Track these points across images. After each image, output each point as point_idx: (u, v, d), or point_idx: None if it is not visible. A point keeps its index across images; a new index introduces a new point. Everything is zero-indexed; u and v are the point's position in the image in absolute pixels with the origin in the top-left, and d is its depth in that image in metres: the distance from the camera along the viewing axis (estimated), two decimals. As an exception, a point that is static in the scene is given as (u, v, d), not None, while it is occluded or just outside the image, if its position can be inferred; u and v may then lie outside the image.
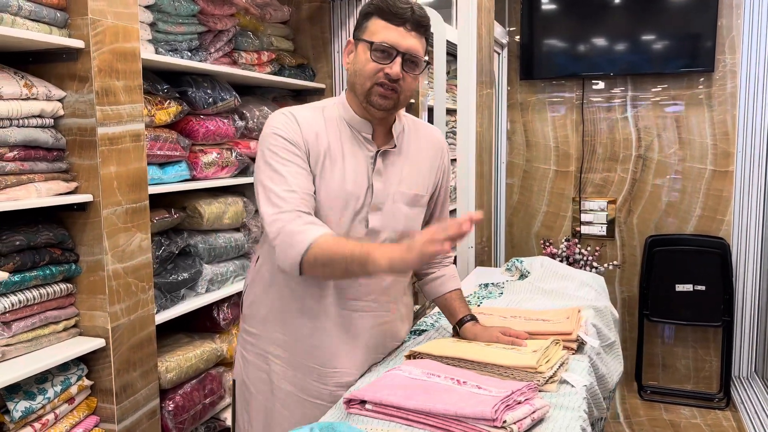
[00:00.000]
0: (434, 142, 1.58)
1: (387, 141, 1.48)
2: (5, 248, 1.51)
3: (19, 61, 1.65)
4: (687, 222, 3.80)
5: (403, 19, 1.35)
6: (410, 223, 1.50)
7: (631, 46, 3.72)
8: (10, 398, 1.52)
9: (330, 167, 1.39)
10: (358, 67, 1.39)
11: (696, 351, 3.84)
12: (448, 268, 1.67)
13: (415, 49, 1.37)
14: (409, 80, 1.38)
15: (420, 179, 1.51)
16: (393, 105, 1.39)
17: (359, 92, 1.40)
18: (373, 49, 1.35)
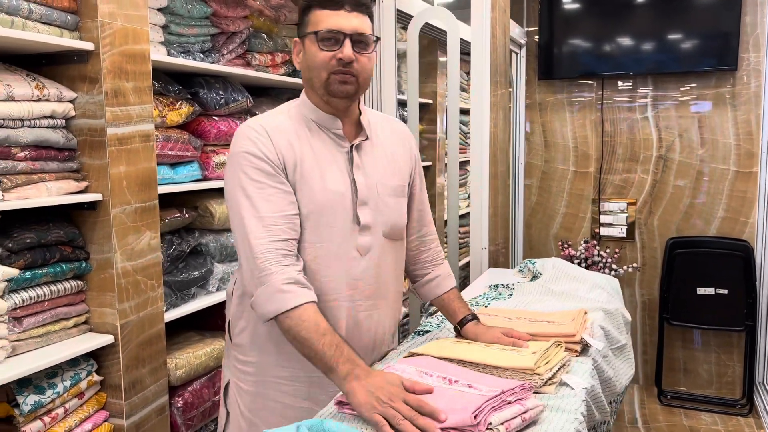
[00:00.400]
0: (400, 132, 1.58)
1: (357, 134, 1.46)
2: (16, 246, 1.55)
3: (33, 63, 1.70)
4: (709, 224, 3.73)
5: (341, 2, 1.34)
6: (397, 214, 1.48)
7: (653, 45, 3.66)
8: (20, 392, 1.55)
9: (309, 172, 1.37)
10: (310, 61, 1.37)
11: (718, 356, 3.76)
12: (442, 266, 1.65)
13: (361, 28, 1.35)
14: (363, 61, 1.36)
15: (397, 168, 1.50)
16: (354, 90, 1.37)
17: (318, 86, 1.38)
18: (319, 39, 1.34)
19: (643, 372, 3.97)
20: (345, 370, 1.20)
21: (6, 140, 1.52)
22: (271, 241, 1.30)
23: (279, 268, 1.28)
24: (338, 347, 1.23)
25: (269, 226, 1.31)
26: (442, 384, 1.19)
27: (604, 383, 1.61)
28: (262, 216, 1.31)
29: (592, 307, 1.95)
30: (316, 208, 1.37)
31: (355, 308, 1.42)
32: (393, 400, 1.12)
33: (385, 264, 1.46)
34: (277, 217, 1.31)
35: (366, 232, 1.42)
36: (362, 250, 1.41)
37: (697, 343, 3.81)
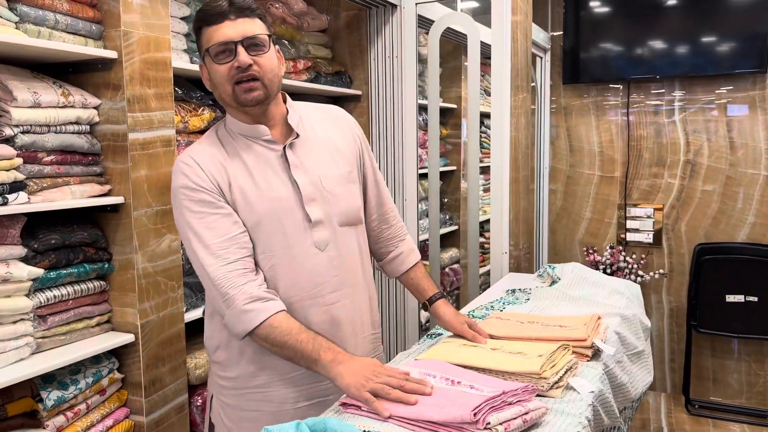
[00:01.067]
0: (337, 118, 1.57)
1: (289, 134, 1.46)
2: (42, 246, 1.61)
3: (61, 71, 1.77)
4: (738, 230, 3.65)
5: (223, 13, 1.34)
6: (348, 201, 1.48)
7: (679, 49, 3.61)
8: (44, 387, 1.61)
9: (244, 187, 1.39)
10: (214, 79, 1.39)
11: (749, 365, 3.68)
12: (405, 242, 1.67)
13: (250, 32, 1.35)
14: (262, 62, 1.36)
15: (339, 155, 1.50)
16: (264, 94, 1.37)
17: (228, 100, 1.39)
18: (213, 55, 1.35)
19: (671, 380, 3.90)
20: (328, 358, 1.27)
21: (33, 145, 1.59)
22: (222, 265, 1.33)
23: (237, 290, 1.32)
24: (315, 340, 1.30)
25: (217, 252, 1.34)
26: (444, 384, 1.20)
27: (616, 389, 1.60)
28: (208, 244, 1.34)
29: (609, 312, 1.93)
30: (260, 218, 1.39)
31: (325, 303, 1.44)
32: (378, 375, 1.20)
33: (347, 252, 1.48)
34: (222, 242, 1.35)
35: (320, 227, 1.43)
36: (320, 245, 1.43)
37: (726, 351, 3.73)
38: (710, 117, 3.70)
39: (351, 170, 1.51)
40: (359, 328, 1.52)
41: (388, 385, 1.18)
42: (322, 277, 1.43)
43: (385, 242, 1.66)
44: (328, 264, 1.43)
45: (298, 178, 1.42)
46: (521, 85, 2.96)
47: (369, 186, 1.60)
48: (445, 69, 3.97)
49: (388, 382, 1.18)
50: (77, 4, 1.66)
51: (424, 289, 1.63)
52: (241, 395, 1.47)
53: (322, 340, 1.31)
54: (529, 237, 3.58)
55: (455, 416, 1.07)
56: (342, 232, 1.47)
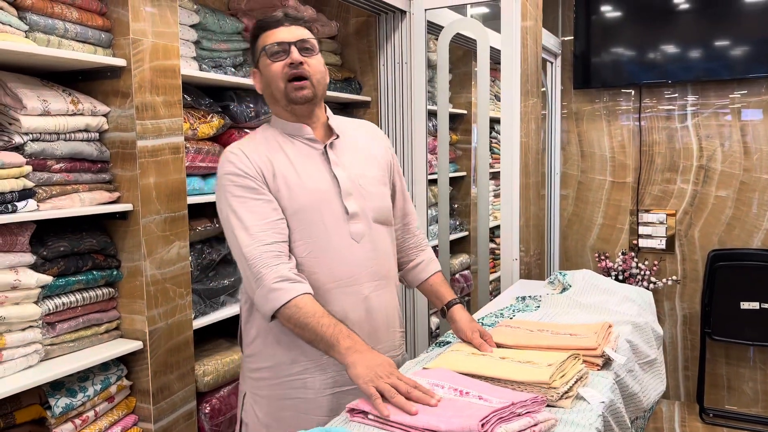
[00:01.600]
0: (372, 131, 1.71)
1: (329, 136, 1.58)
2: (51, 254, 1.62)
3: (71, 79, 1.78)
4: (753, 236, 3.60)
5: (279, 21, 1.50)
6: (382, 201, 1.59)
7: (692, 53, 3.58)
8: (52, 394, 1.62)
9: (287, 177, 1.48)
10: (267, 76, 1.51)
11: (765, 373, 3.62)
12: (426, 252, 1.75)
13: (302, 36, 1.50)
14: (312, 62, 1.49)
15: (373, 160, 1.61)
16: (312, 93, 1.49)
17: (279, 97, 1.51)
18: (269, 54, 1.49)
19: (685, 388, 3.84)
20: (346, 345, 1.31)
21: (42, 153, 1.60)
22: (258, 246, 1.40)
23: (269, 269, 1.39)
24: (337, 326, 1.34)
25: (255, 234, 1.41)
26: (452, 395, 1.19)
27: (628, 398, 1.58)
28: (247, 226, 1.42)
29: (620, 320, 1.90)
30: (301, 206, 1.47)
31: (363, 291, 1.52)
32: (389, 376, 1.23)
33: (381, 247, 1.57)
34: (261, 225, 1.42)
35: (356, 220, 1.52)
36: (356, 237, 1.52)
37: (741, 359, 3.67)
38: (723, 122, 3.65)
39: (383, 175, 1.63)
40: (390, 322, 1.61)
41: (395, 389, 1.20)
42: (358, 268, 1.51)
43: (407, 251, 1.73)
44: (363, 256, 1.52)
45: (338, 173, 1.52)
46: (531, 91, 2.94)
47: (396, 195, 1.70)
48: (456, 75, 3.96)
49: (396, 386, 1.20)
50: (86, 13, 1.67)
51: (443, 295, 1.68)
52: (279, 384, 1.51)
53: (343, 327, 1.35)
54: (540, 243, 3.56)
55: (463, 427, 1.05)
56: (376, 228, 1.56)
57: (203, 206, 2.21)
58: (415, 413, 1.14)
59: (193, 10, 2.09)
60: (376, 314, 1.55)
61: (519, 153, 2.77)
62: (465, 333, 1.58)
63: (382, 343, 1.57)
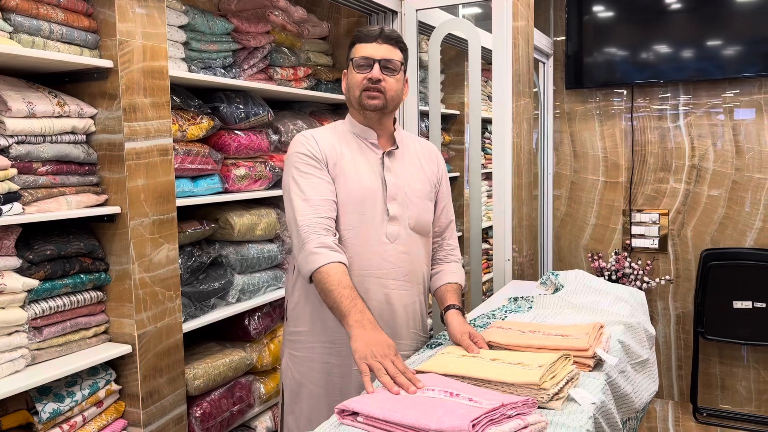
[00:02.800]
0: (428, 148, 1.85)
1: (390, 145, 1.74)
2: (37, 257, 1.60)
3: (57, 81, 1.76)
4: (745, 235, 3.61)
5: (374, 36, 1.66)
6: (422, 213, 1.72)
7: (684, 53, 3.58)
8: (40, 400, 1.60)
9: (347, 170, 1.65)
10: (349, 82, 1.69)
11: (758, 372, 3.62)
12: (449, 264, 1.83)
13: (388, 56, 1.65)
14: (391, 82, 1.66)
15: (423, 175, 1.76)
16: (382, 104, 1.65)
17: (354, 102, 1.68)
18: (355, 65, 1.66)
19: (678, 388, 3.85)
20: (356, 318, 1.42)
21: (28, 155, 1.58)
22: (313, 216, 1.57)
23: (316, 236, 1.54)
24: (355, 300, 1.46)
25: (313, 205, 1.58)
26: (443, 396, 1.18)
27: (620, 399, 1.57)
28: (308, 198, 1.59)
29: (612, 320, 1.90)
30: (351, 199, 1.64)
31: (385, 285, 1.66)
32: (384, 357, 1.32)
33: (413, 252, 1.70)
34: (319, 199, 1.60)
35: (394, 223, 1.67)
36: (391, 237, 1.66)
37: (734, 358, 3.68)
38: (716, 121, 3.66)
39: (430, 190, 1.76)
40: (411, 322, 1.73)
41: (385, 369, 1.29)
42: (388, 264, 1.66)
43: (435, 260, 1.84)
44: (395, 255, 1.67)
45: (387, 178, 1.68)
46: (523, 91, 2.94)
47: (438, 212, 1.82)
48: (448, 75, 3.96)
49: (386, 367, 1.30)
50: (72, 14, 1.65)
51: (444, 300, 1.74)
52: (313, 347, 1.69)
53: (359, 302, 1.46)
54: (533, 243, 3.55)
55: (453, 426, 1.04)
56: (411, 234, 1.70)
57: (193, 208, 2.20)
58: (396, 393, 1.22)
59: (182, 11, 2.07)
60: (396, 311, 1.68)
61: (511, 153, 2.76)
62: (455, 335, 1.60)
63: (403, 339, 1.70)
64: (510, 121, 2.73)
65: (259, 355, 2.31)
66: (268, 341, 2.40)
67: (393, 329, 1.67)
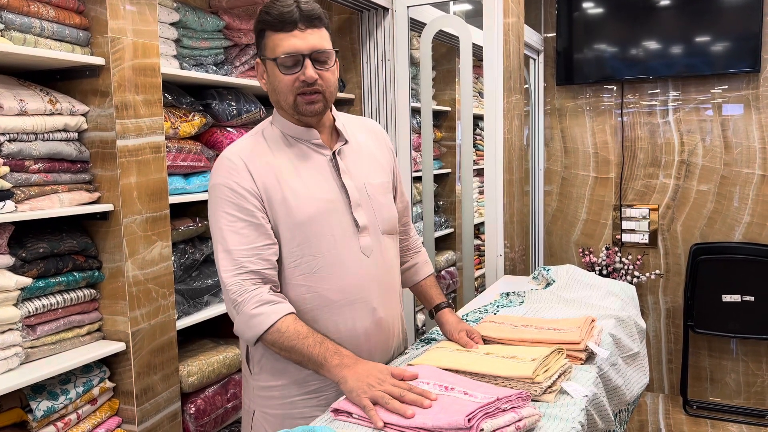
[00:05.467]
0: (374, 130, 1.60)
1: (336, 140, 1.49)
2: (30, 255, 1.60)
3: (48, 78, 1.75)
4: (734, 229, 3.65)
5: (293, 22, 1.33)
6: (390, 211, 1.52)
7: (673, 49, 3.61)
8: (33, 398, 1.60)
9: (293, 187, 1.39)
10: (275, 85, 1.39)
11: (747, 365, 3.67)
12: (420, 254, 1.72)
13: (319, 46, 1.36)
14: (327, 76, 1.38)
15: (378, 166, 1.54)
16: (323, 106, 1.40)
17: (286, 107, 1.40)
18: (279, 64, 1.35)
19: (669, 381, 3.89)
20: (335, 362, 1.27)
21: (19, 153, 1.57)
22: (238, 273, 1.34)
23: (248, 295, 1.33)
24: (322, 344, 1.30)
25: (237, 259, 1.35)
26: (438, 391, 1.19)
27: (611, 392, 1.59)
28: (230, 249, 1.35)
29: (603, 314, 1.92)
30: (308, 218, 1.39)
31: (371, 303, 1.45)
32: (382, 383, 1.20)
33: (388, 260, 1.51)
34: (245, 250, 1.35)
35: (365, 233, 1.45)
36: (366, 251, 1.45)
37: (723, 351, 3.72)
38: (704, 117, 3.69)
39: (388, 181, 1.55)
40: (397, 335, 1.58)
41: (389, 394, 1.17)
42: (368, 282, 1.45)
43: (403, 253, 1.68)
44: (373, 270, 1.46)
45: (347, 183, 1.44)
46: (514, 87, 2.95)
47: (397, 199, 1.63)
48: (439, 72, 3.96)
49: (390, 392, 1.18)
50: (63, 11, 1.65)
51: (432, 297, 1.66)
52: (292, 403, 1.44)
53: (329, 344, 1.31)
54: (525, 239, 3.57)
55: (449, 422, 1.05)
56: (384, 240, 1.50)
57: (185, 205, 2.19)
58: (411, 416, 1.11)
59: (173, 8, 2.07)
60: (385, 325, 1.50)
61: (502, 149, 2.78)
62: (452, 335, 1.58)
63: (388, 352, 1.56)
64: (501, 117, 2.75)
65: (253, 351, 2.31)
66: (261, 338, 2.40)
67: (385, 344, 1.52)
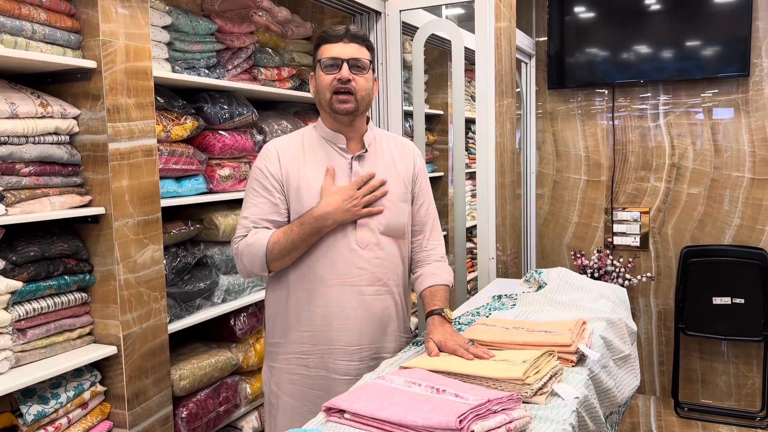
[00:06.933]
0: (403, 146, 1.81)
1: (360, 148, 1.71)
2: (20, 259, 1.59)
3: (40, 81, 1.75)
4: (724, 232, 3.67)
5: (340, 36, 1.63)
6: (395, 217, 1.69)
7: (664, 53, 3.64)
8: (24, 402, 1.59)
9: (311, 179, 1.65)
10: (318, 85, 1.66)
11: (737, 367, 3.69)
12: (429, 266, 1.77)
13: (357, 55, 1.63)
14: (360, 81, 1.63)
15: (396, 176, 1.72)
16: (354, 107, 1.63)
17: (324, 105, 1.65)
18: (323, 66, 1.63)
19: (660, 383, 3.90)
20: (305, 221, 1.58)
21: (10, 156, 1.57)
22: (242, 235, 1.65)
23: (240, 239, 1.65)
24: (292, 225, 1.59)
25: (247, 225, 1.65)
26: (429, 393, 1.19)
27: (602, 394, 1.60)
28: (246, 216, 1.66)
29: (594, 317, 1.93)
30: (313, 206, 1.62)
31: (361, 292, 1.64)
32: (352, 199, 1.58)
33: (388, 256, 1.68)
34: (257, 219, 1.65)
35: (363, 229, 1.65)
36: (362, 244, 1.65)
37: (714, 353, 3.74)
38: (695, 120, 3.72)
39: (405, 191, 1.74)
40: (391, 326, 1.71)
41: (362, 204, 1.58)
42: (360, 271, 1.64)
43: (415, 263, 1.81)
44: (367, 261, 1.64)
45: None
46: (506, 91, 2.96)
47: (415, 211, 1.79)
48: (432, 75, 3.98)
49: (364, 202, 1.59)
50: (55, 14, 1.65)
51: (427, 305, 1.70)
52: (287, 359, 1.69)
53: (294, 223, 1.60)
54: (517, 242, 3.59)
55: (440, 422, 1.06)
56: (384, 239, 1.67)
57: (177, 209, 2.19)
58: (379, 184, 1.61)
59: (165, 11, 2.07)
60: (373, 316, 1.66)
61: (494, 153, 2.79)
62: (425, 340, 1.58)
63: (380, 343, 1.69)
64: (493, 120, 2.76)
65: (245, 355, 2.31)
66: (253, 341, 2.40)
67: (372, 334, 1.66)
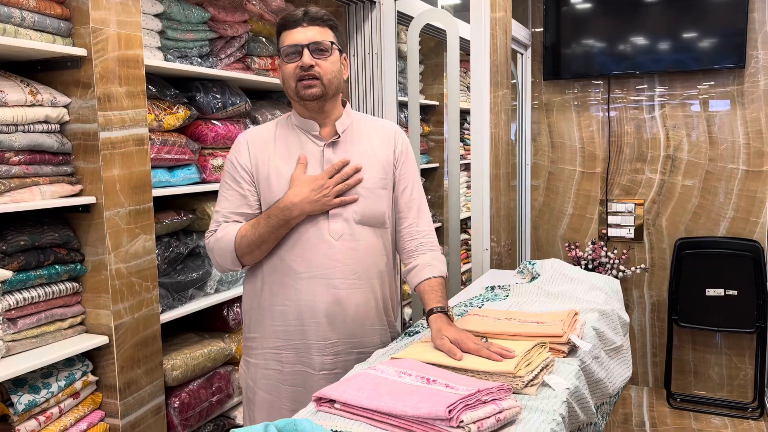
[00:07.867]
0: (384, 128, 1.73)
1: (334, 134, 1.65)
2: (10, 248, 1.58)
3: (29, 69, 1.73)
4: (718, 224, 3.68)
5: (298, 20, 1.57)
6: (372, 204, 1.62)
7: (660, 44, 3.63)
8: (15, 391, 1.58)
9: (280, 169, 1.61)
10: (283, 75, 1.61)
11: (729, 358, 3.71)
12: (425, 256, 1.66)
13: (318, 38, 1.56)
14: (325, 65, 1.57)
15: (374, 162, 1.64)
16: (321, 92, 1.57)
17: (291, 94, 1.61)
18: (284, 55, 1.58)
19: (653, 374, 3.92)
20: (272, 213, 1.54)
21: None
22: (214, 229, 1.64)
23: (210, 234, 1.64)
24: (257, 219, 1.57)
25: (218, 220, 1.64)
26: (420, 383, 1.19)
27: (593, 384, 1.60)
28: (218, 210, 1.65)
29: (587, 308, 1.93)
30: None
31: (334, 285, 1.58)
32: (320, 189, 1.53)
33: (364, 248, 1.61)
34: (227, 213, 1.63)
35: (337, 219, 1.59)
36: (335, 235, 1.58)
37: (707, 345, 3.76)
38: (690, 112, 3.72)
39: (384, 177, 1.65)
40: (368, 320, 1.65)
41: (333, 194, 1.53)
42: (333, 262, 1.58)
43: (407, 253, 1.70)
44: (340, 252, 1.58)
45: None
46: (501, 82, 2.95)
47: (399, 197, 1.69)
48: (427, 66, 3.96)
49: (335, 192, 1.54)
50: (44, 1, 1.63)
51: (426, 302, 1.61)
52: (262, 354, 1.67)
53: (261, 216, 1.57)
54: (512, 233, 3.59)
55: (430, 412, 1.06)
56: (359, 229, 1.61)
57: (169, 199, 2.18)
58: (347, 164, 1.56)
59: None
60: (348, 311, 1.60)
61: (489, 144, 2.78)
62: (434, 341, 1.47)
63: (357, 337, 1.63)
64: (488, 111, 2.75)
65: (238, 345, 2.31)
66: (247, 332, 2.40)
67: (346, 329, 1.60)
